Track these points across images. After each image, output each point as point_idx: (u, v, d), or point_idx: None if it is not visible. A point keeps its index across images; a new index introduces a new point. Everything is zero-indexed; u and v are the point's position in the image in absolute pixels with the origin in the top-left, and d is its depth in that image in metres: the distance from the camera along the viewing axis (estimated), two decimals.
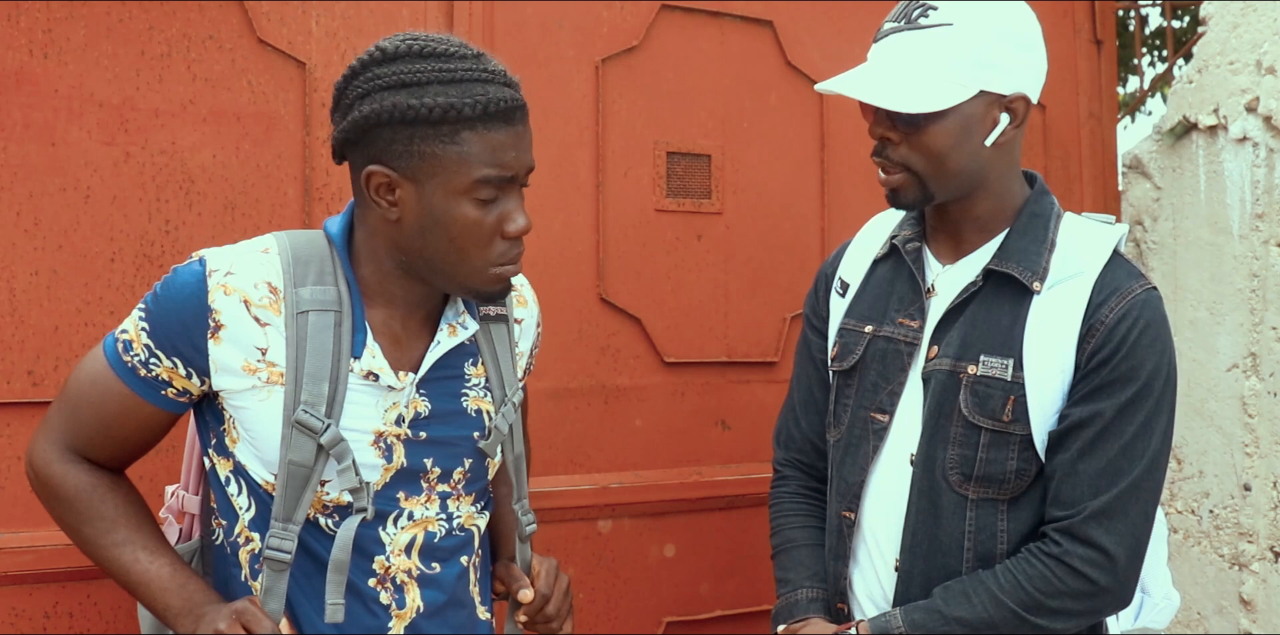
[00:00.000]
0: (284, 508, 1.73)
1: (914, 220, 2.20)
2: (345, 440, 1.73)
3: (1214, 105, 3.47)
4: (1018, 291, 2.02)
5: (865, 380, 2.14)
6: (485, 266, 1.74)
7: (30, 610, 2.37)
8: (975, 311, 2.04)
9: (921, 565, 2.04)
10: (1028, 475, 2.00)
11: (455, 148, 1.66)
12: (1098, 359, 1.95)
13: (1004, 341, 2.00)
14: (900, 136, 1.99)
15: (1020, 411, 1.97)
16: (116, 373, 1.77)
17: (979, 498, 2.01)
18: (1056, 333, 1.98)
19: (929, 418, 2.04)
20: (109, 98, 2.44)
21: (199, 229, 2.51)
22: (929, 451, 2.03)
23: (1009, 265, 2.02)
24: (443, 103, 1.64)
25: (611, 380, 3.03)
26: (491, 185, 1.69)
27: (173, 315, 1.72)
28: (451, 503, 1.86)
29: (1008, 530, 2.01)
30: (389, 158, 1.68)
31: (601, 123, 3.02)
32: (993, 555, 2.00)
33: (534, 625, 1.96)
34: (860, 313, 2.20)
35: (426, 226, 1.71)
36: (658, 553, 3.10)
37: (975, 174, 2.02)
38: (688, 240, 3.14)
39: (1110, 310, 1.96)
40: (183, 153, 2.51)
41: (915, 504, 2.05)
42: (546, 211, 2.94)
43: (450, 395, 1.85)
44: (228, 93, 2.56)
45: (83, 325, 2.40)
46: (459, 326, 1.86)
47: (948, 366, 2.03)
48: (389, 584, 1.80)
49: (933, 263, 2.14)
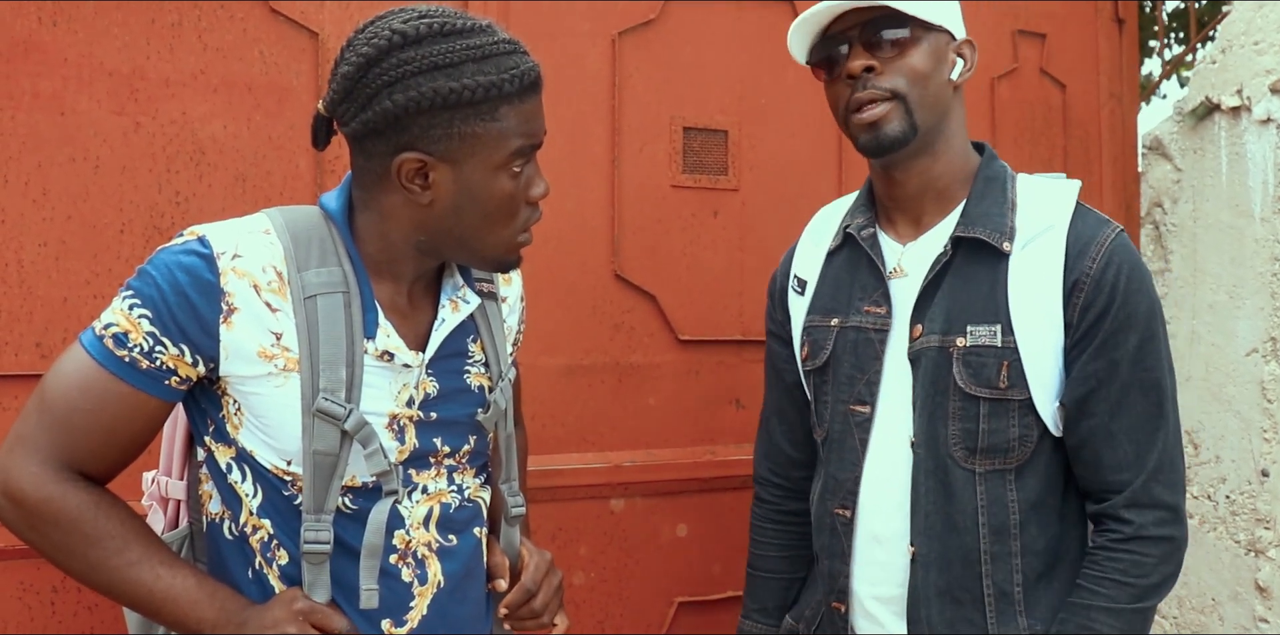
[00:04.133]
0: (314, 499, 1.69)
1: (863, 206, 2.20)
2: (370, 423, 1.70)
3: (1237, 86, 3.42)
4: (990, 256, 2.02)
5: (840, 374, 2.14)
6: (513, 236, 1.73)
7: (38, 584, 2.36)
8: (952, 283, 2.04)
9: (938, 546, 2.02)
10: (1030, 441, 2.00)
11: (495, 124, 1.63)
12: (1094, 312, 1.95)
13: (987, 308, 2.00)
14: (882, 63, 2.01)
15: (1016, 376, 1.97)
16: (112, 371, 1.65)
17: (986, 470, 2.00)
18: (1040, 291, 1.98)
19: (924, 397, 2.03)
20: (119, 67, 2.41)
21: (209, 201, 2.49)
22: (930, 431, 2.02)
23: (975, 230, 2.02)
24: (484, 82, 1.60)
25: (625, 358, 3.01)
26: (524, 155, 1.67)
27: (182, 298, 1.63)
28: (458, 476, 1.84)
29: (1018, 500, 2.01)
30: (425, 143, 1.63)
31: (617, 97, 2.99)
32: (1006, 526, 2.00)
33: (518, 620, 1.91)
34: (823, 307, 2.19)
35: (461, 205, 1.67)
36: (670, 532, 3.08)
37: (944, 112, 2.05)
38: (704, 217, 3.11)
39: (1092, 261, 1.97)
40: (193, 123, 2.48)
41: (923, 485, 2.03)
42: (561, 187, 2.89)
43: (455, 373, 1.83)
44: (239, 63, 2.53)
45: (91, 297, 2.37)
46: (460, 301, 1.83)
47: (936, 343, 2.02)
48: (410, 559, 1.77)
49: (891, 245, 2.14)
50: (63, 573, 1.72)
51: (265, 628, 1.63)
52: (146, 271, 1.66)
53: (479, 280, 1.90)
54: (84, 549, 1.65)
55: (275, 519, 1.72)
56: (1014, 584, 2.00)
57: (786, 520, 2.37)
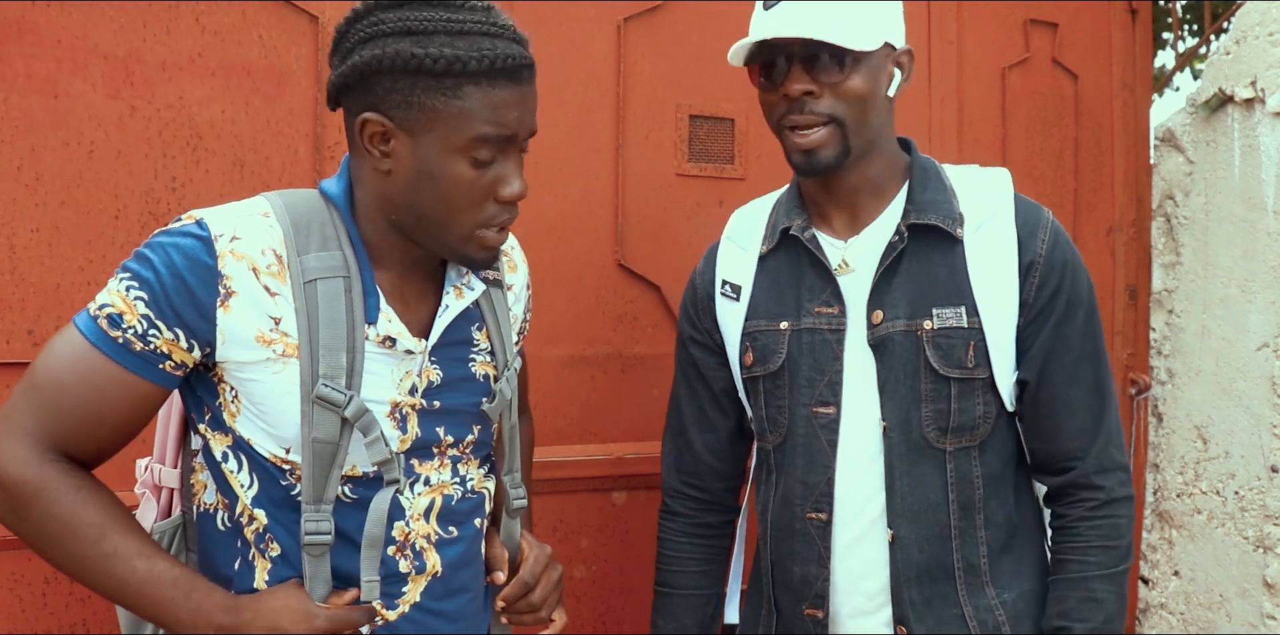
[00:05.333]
0: (314, 489, 1.66)
1: (796, 207, 2.20)
2: (370, 411, 1.67)
3: (1251, 77, 3.38)
4: (942, 241, 2.07)
5: (798, 377, 2.12)
6: (472, 228, 1.68)
7: (30, 575, 2.33)
8: (909, 268, 2.08)
9: (913, 527, 2.07)
10: (991, 418, 2.07)
11: (456, 102, 1.59)
12: (1049, 290, 2.05)
13: (950, 291, 2.05)
14: (822, 88, 1.99)
15: (981, 356, 2.04)
16: (104, 351, 1.62)
17: (955, 448, 2.06)
18: (997, 273, 2.04)
19: (893, 382, 2.07)
20: (114, 49, 2.37)
21: (206, 186, 2.45)
22: (902, 414, 2.07)
23: (928, 216, 2.07)
24: (448, 54, 1.57)
25: (629, 348, 2.98)
26: (489, 144, 1.63)
27: (178, 280, 1.60)
28: (462, 467, 1.82)
29: (982, 475, 2.08)
30: (386, 106, 1.62)
31: (622, 84, 2.95)
32: (972, 501, 2.08)
33: (515, 613, 1.89)
34: (768, 311, 2.17)
35: (418, 181, 1.65)
36: None
37: (881, 127, 2.08)
38: (709, 206, 3.07)
39: (1041, 243, 2.06)
40: (190, 107, 2.44)
41: (897, 468, 2.07)
42: (564, 175, 2.88)
43: (459, 361, 1.80)
44: (237, 46, 2.49)
45: (85, 284, 2.34)
46: (464, 288, 1.80)
47: (902, 327, 2.06)
48: (408, 551, 1.75)
49: (832, 242, 2.14)
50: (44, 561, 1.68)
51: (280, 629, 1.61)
52: (143, 254, 1.64)
53: None
54: (61, 535, 1.62)
55: (270, 510, 1.69)
56: (979, 556, 2.07)
57: (703, 533, 2.38)
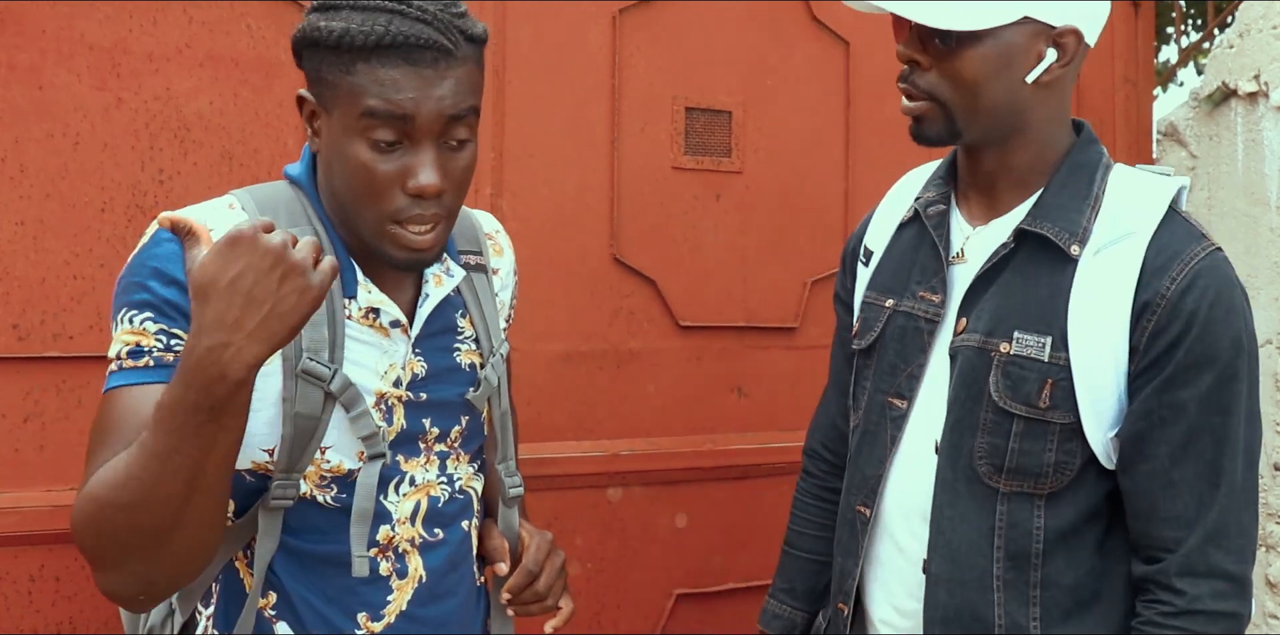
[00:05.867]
0: (288, 460, 1.61)
1: (942, 179, 1.98)
2: (355, 385, 1.63)
3: (1255, 71, 3.36)
4: (1057, 257, 1.77)
5: (883, 361, 1.96)
6: (380, 221, 1.60)
7: (15, 573, 2.30)
8: (1009, 279, 1.81)
9: (949, 567, 1.82)
10: (1070, 469, 1.76)
11: (348, 78, 1.55)
12: (1165, 340, 1.68)
13: (1042, 316, 1.75)
14: (930, 61, 1.78)
15: (1062, 397, 1.73)
16: (140, 382, 1.52)
17: (1012, 491, 1.78)
18: (1106, 307, 1.72)
19: (954, 400, 1.83)
20: (100, 40, 2.34)
21: (194, 179, 2.42)
22: (954, 439, 1.82)
23: (1043, 225, 1.78)
24: (338, 28, 1.53)
25: (624, 344, 2.95)
26: (381, 123, 1.55)
27: (173, 287, 1.55)
28: (450, 463, 1.78)
29: (1044, 528, 1.78)
30: (311, 83, 1.61)
31: (618, 76, 2.92)
32: (1026, 555, 1.78)
33: (522, 603, 1.85)
34: (881, 284, 2.00)
35: (332, 163, 1.61)
36: (669, 523, 3.02)
37: (1011, 115, 1.79)
38: (706, 200, 3.04)
39: (1171, 281, 1.69)
40: (178, 99, 2.41)
41: (939, 498, 1.84)
42: (559, 168, 2.85)
43: (444, 351, 1.76)
44: (225, 37, 2.46)
45: (70, 278, 2.31)
46: (444, 275, 1.76)
47: (976, 343, 1.80)
48: (390, 553, 1.71)
49: (962, 225, 1.91)
50: (168, 520, 1.43)
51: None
52: (127, 283, 1.58)
53: (464, 252, 1.83)
54: (136, 493, 1.41)
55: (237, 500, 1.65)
56: (1030, 617, 1.78)
57: (831, 498, 2.17)
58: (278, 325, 1.36)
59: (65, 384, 2.31)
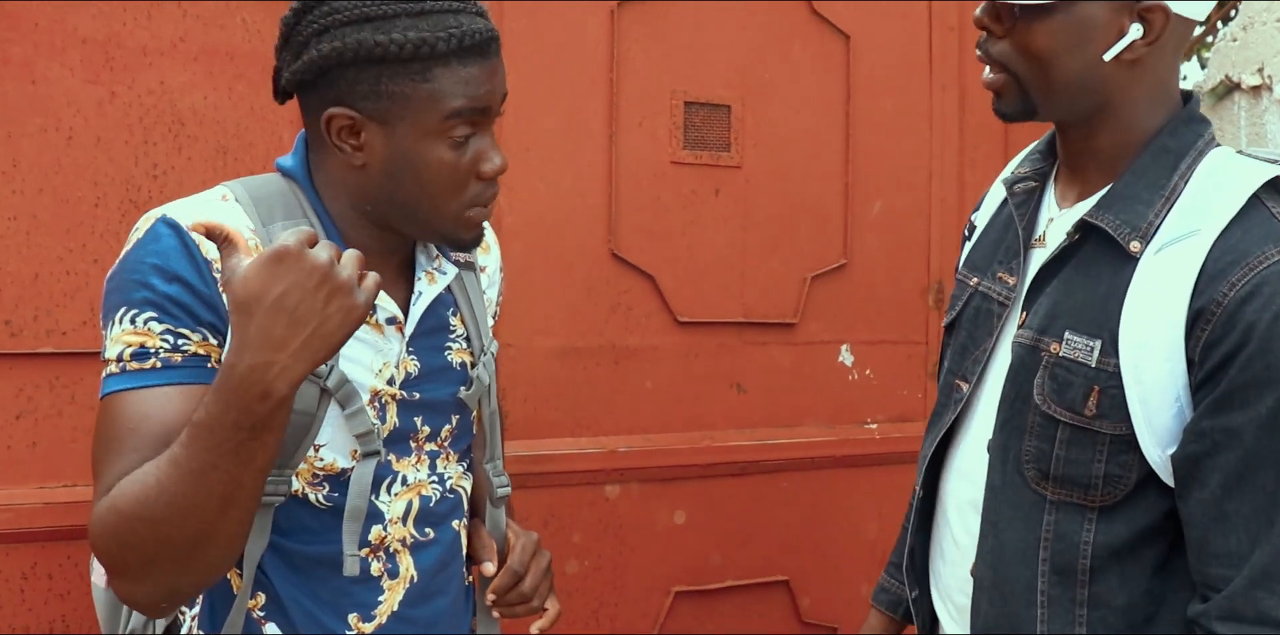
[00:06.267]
0: (281, 457, 1.59)
1: (1040, 153, 1.85)
2: (350, 382, 1.61)
3: (1258, 64, 3.34)
4: (1118, 253, 1.61)
5: (958, 340, 1.86)
6: (460, 211, 1.61)
7: (7, 570, 2.28)
8: (1070, 274, 1.67)
9: (992, 575, 1.71)
10: (1124, 483, 1.59)
11: (427, 85, 1.53)
12: (1220, 354, 1.49)
13: (1095, 317, 1.60)
14: (1003, 30, 1.65)
15: (1111, 406, 1.57)
16: (147, 384, 1.48)
17: (1060, 500, 1.64)
18: (1161, 313, 1.54)
19: (1004, 398, 1.71)
20: (93, 34, 2.31)
21: (189, 174, 2.39)
22: (1003, 439, 1.70)
23: (1105, 217, 1.62)
24: (414, 38, 1.50)
25: (622, 340, 2.93)
26: (464, 120, 1.56)
27: (175, 283, 1.51)
28: (440, 462, 1.76)
29: (1093, 542, 1.62)
30: (352, 98, 1.54)
31: (616, 70, 2.90)
32: (1073, 570, 1.63)
33: (507, 605, 1.83)
34: (973, 261, 1.90)
35: (396, 172, 1.58)
36: (667, 520, 3.01)
37: (1089, 93, 1.64)
38: (705, 195, 3.02)
39: (1230, 287, 1.48)
40: (172, 93, 2.39)
41: (989, 500, 1.72)
42: (557, 163, 2.83)
43: (436, 349, 1.74)
44: (220, 31, 2.44)
45: (64, 273, 2.29)
46: (436, 273, 1.74)
47: (1029, 340, 1.68)
48: (381, 553, 1.69)
49: (1052, 206, 1.78)
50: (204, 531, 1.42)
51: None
52: (123, 280, 1.53)
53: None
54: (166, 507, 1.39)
55: None
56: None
57: None
58: (320, 344, 1.35)
59: (58, 381, 2.29)
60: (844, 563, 3.27)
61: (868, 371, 3.29)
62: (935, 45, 3.35)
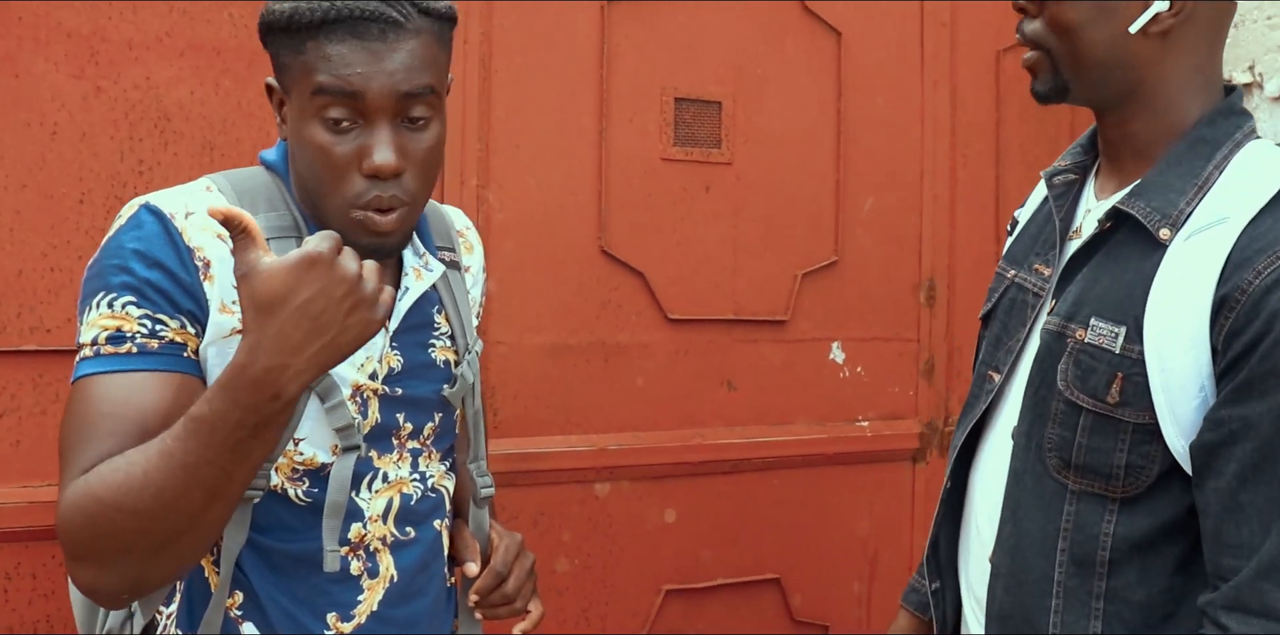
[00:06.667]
0: None
1: (1081, 146, 1.84)
2: (331, 375, 1.59)
3: (1249, 62, 3.33)
4: (1148, 241, 1.60)
5: (993, 332, 1.86)
6: (344, 206, 1.56)
7: None
8: (1100, 262, 1.67)
9: (1008, 563, 1.71)
10: (1147, 474, 1.57)
11: (301, 57, 1.52)
12: (1242, 343, 1.47)
13: (1120, 304, 1.59)
14: (1036, 8, 1.66)
15: (1134, 394, 1.56)
16: (122, 369, 1.47)
17: (1082, 490, 1.63)
18: (1186, 300, 1.53)
19: (1029, 385, 1.71)
20: (78, 27, 2.29)
21: (175, 169, 2.37)
22: (1026, 427, 1.70)
23: (1136, 205, 1.61)
24: (287, 8, 1.51)
25: (612, 337, 2.91)
26: (332, 100, 1.51)
27: (156, 269, 1.50)
28: (423, 461, 1.75)
29: (1114, 534, 1.60)
30: (276, 70, 1.58)
31: (606, 66, 2.88)
32: (1091, 562, 1.61)
33: (490, 606, 1.82)
34: (1012, 255, 1.90)
35: (295, 147, 1.59)
36: (657, 518, 2.99)
37: (1118, 70, 1.64)
38: (695, 191, 3.00)
39: (1256, 275, 1.47)
40: (158, 88, 2.37)
41: (1010, 488, 1.72)
42: (546, 159, 2.81)
43: (420, 346, 1.73)
44: (207, 25, 2.41)
45: (48, 270, 2.26)
46: (423, 270, 1.73)
47: (1056, 327, 1.68)
48: (361, 552, 1.67)
49: (1090, 198, 1.78)
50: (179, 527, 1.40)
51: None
52: (103, 265, 1.52)
53: (441, 248, 1.80)
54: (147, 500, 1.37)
55: None
56: (1089, 631, 1.62)
57: None
58: (334, 352, 1.36)
59: (42, 378, 2.27)
60: (835, 561, 3.26)
61: (859, 369, 3.28)
62: (927, 42, 3.34)
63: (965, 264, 3.43)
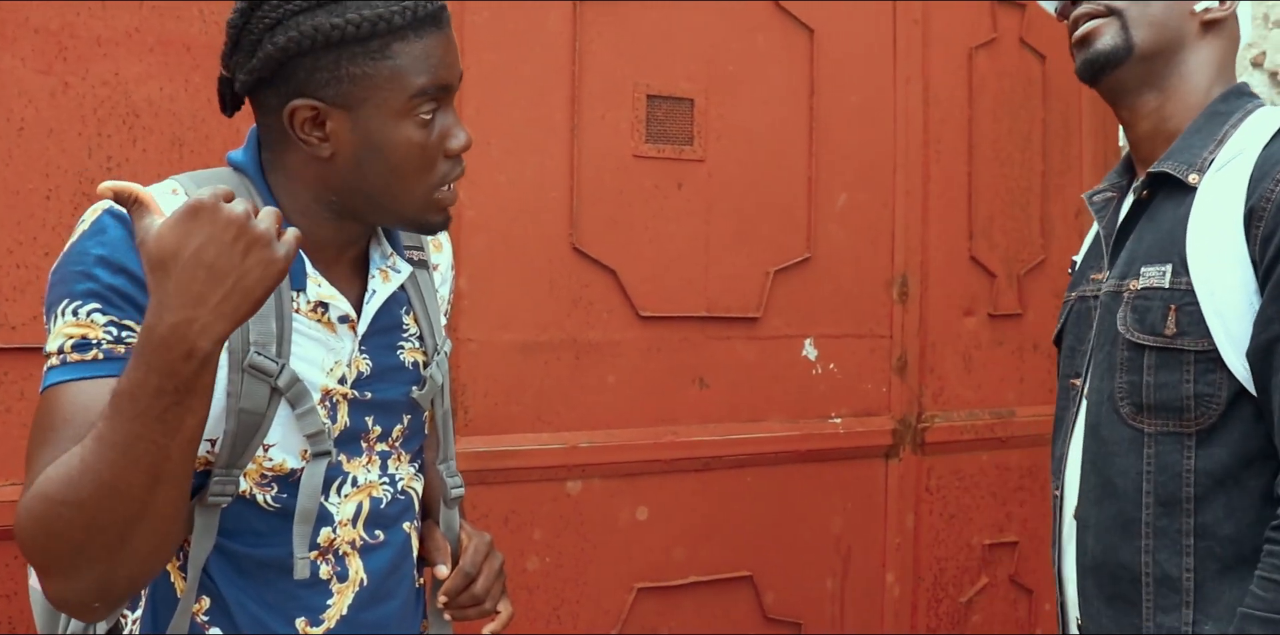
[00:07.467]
0: (229, 455, 1.55)
1: (1115, 173, 1.98)
2: (301, 381, 1.58)
3: None
4: (1177, 190, 1.75)
5: (1066, 346, 1.96)
6: (429, 191, 1.59)
7: None
8: (1143, 226, 1.81)
9: (1095, 512, 1.78)
10: (1216, 402, 1.65)
11: (389, 62, 1.50)
12: (1274, 245, 1.59)
13: (1164, 247, 1.73)
14: None
15: (1189, 323, 1.66)
16: (87, 375, 1.44)
17: (1158, 431, 1.70)
18: (1219, 224, 1.66)
19: (1095, 346, 1.82)
20: (46, 23, 2.27)
21: (144, 166, 2.35)
22: (1095, 383, 1.80)
23: (1167, 164, 1.77)
24: (370, 15, 1.48)
25: (583, 334, 2.90)
26: (429, 98, 1.54)
27: (121, 275, 1.47)
28: (392, 463, 1.73)
29: (1195, 470, 1.67)
30: (312, 88, 1.51)
31: (578, 63, 2.87)
32: (1177, 500, 1.68)
33: (459, 607, 1.81)
34: (1072, 283, 2.02)
35: (364, 157, 1.55)
36: (629, 516, 2.99)
37: (1172, 46, 1.81)
38: (667, 188, 3.00)
39: (1276, 181, 1.62)
40: (127, 84, 2.35)
41: (1088, 444, 1.80)
42: (518, 156, 2.81)
43: (389, 348, 1.71)
44: (177, 21, 2.40)
45: (14, 267, 2.25)
46: (391, 271, 1.71)
47: (1113, 287, 1.80)
48: (330, 556, 1.66)
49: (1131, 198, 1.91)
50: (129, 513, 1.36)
51: None
52: (67, 271, 1.49)
53: (409, 248, 1.79)
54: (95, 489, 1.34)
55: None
56: (1183, 569, 1.67)
57: None
58: (241, 299, 1.31)
59: (7, 376, 2.26)
60: (808, 558, 3.26)
61: (831, 366, 3.28)
62: (899, 39, 3.34)
63: (938, 260, 3.44)
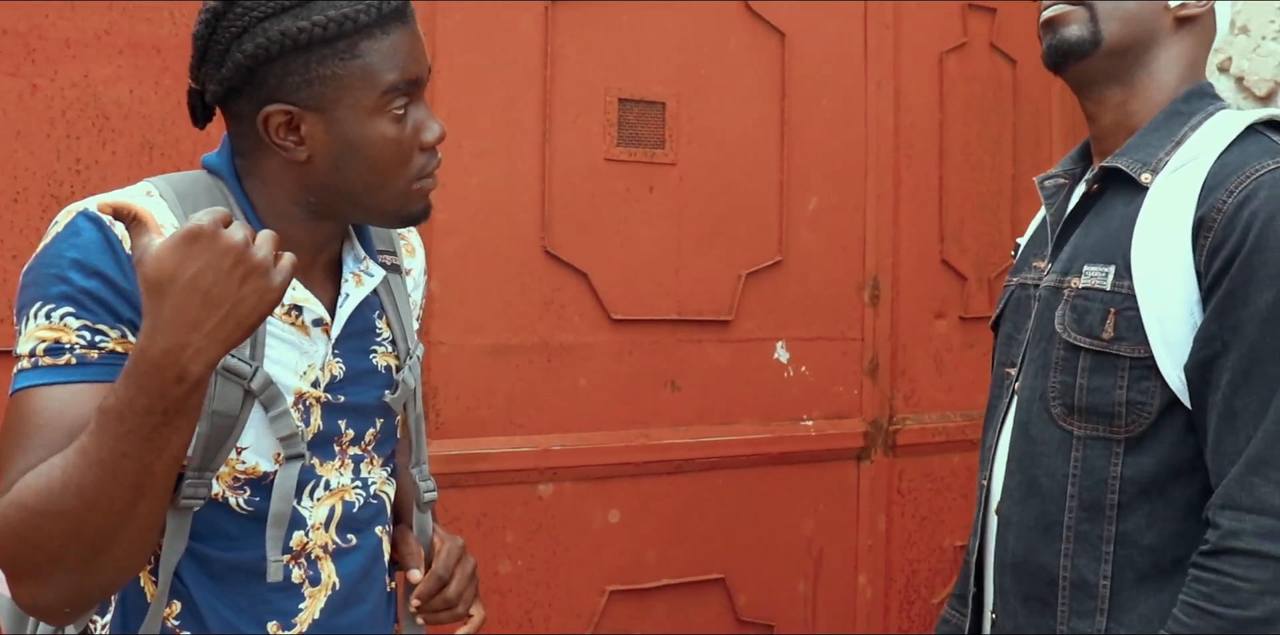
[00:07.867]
0: (201, 458, 1.55)
1: (1070, 159, 1.93)
2: (275, 384, 1.57)
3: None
4: (1129, 188, 1.71)
5: (1002, 334, 1.93)
6: (408, 185, 1.60)
7: None
8: (1090, 221, 1.77)
9: (1018, 511, 1.76)
10: (1148, 410, 1.63)
11: (358, 61, 1.50)
12: (1221, 258, 1.56)
13: (1108, 246, 1.69)
14: None
15: (1128, 328, 1.64)
16: (60, 380, 1.43)
17: (1088, 435, 1.68)
18: (1166, 231, 1.63)
19: (1030, 341, 1.79)
20: (14, 25, 2.26)
21: (113, 168, 2.35)
22: (1028, 380, 1.77)
23: (1120, 160, 1.72)
24: (335, 16, 1.48)
25: (555, 337, 2.90)
26: (401, 93, 1.54)
27: (95, 278, 1.46)
28: (364, 467, 1.73)
29: (1121, 477, 1.66)
30: (284, 92, 1.51)
31: (550, 66, 2.87)
32: (1101, 506, 1.67)
33: (431, 611, 1.81)
34: (1015, 269, 1.98)
35: (342, 157, 1.55)
36: (601, 519, 2.99)
37: (1142, 41, 1.77)
38: (639, 192, 3.00)
39: (1228, 194, 1.58)
40: (96, 86, 2.34)
41: (1016, 440, 1.78)
42: (490, 159, 2.80)
43: (361, 352, 1.71)
44: (146, 23, 2.39)
45: None
46: (364, 275, 1.71)
47: (1053, 283, 1.77)
48: (303, 560, 1.65)
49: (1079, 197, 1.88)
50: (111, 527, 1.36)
51: None
52: (40, 274, 1.48)
53: (382, 252, 1.79)
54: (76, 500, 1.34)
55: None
56: (1100, 575, 1.67)
57: None
58: (235, 326, 1.32)
59: None
60: (780, 560, 3.26)
61: (803, 368, 3.29)
62: (870, 43, 3.35)
63: (909, 263, 3.45)
